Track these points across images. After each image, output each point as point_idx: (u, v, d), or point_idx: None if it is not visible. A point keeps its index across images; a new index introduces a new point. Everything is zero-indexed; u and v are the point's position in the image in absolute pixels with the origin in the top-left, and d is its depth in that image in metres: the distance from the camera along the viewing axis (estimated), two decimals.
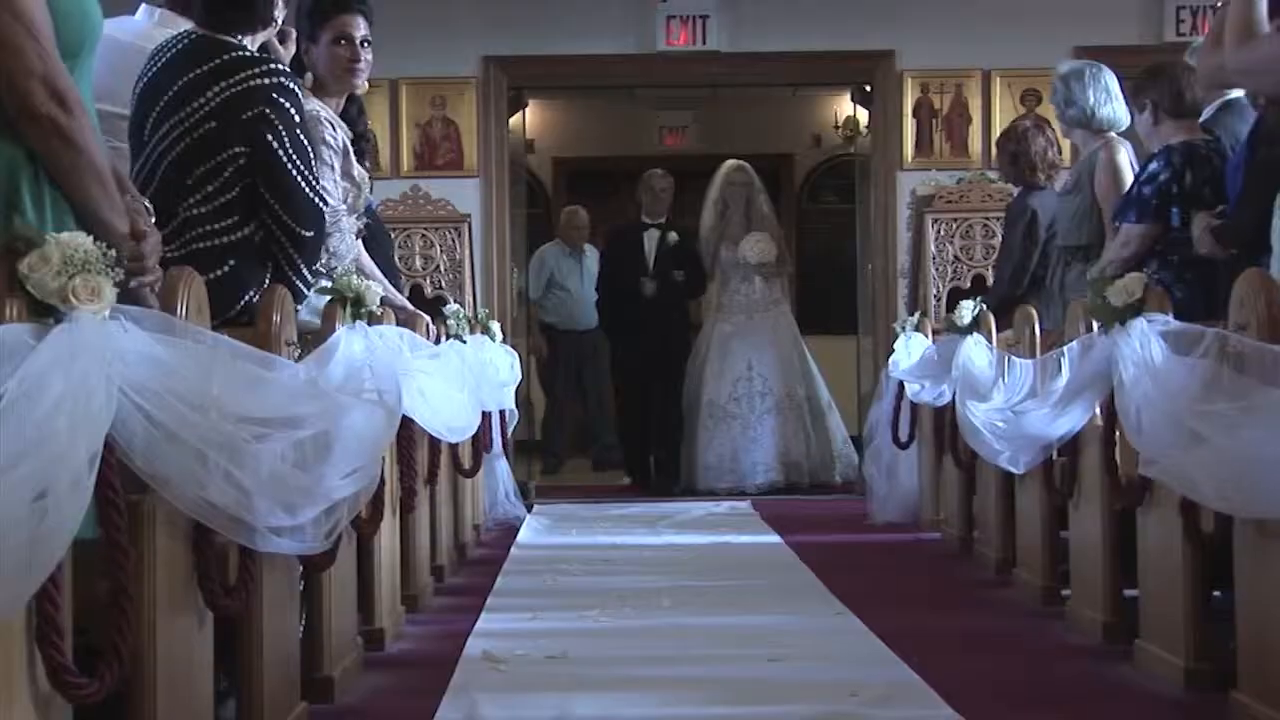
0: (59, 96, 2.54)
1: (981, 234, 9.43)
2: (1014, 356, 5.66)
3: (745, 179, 10.05)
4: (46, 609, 2.09)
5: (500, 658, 4.53)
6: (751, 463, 9.53)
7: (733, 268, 9.88)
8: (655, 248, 9.88)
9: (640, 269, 9.83)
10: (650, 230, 9.95)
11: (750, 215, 9.98)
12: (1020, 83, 9.69)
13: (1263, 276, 3.55)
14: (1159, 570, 4.22)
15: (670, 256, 9.85)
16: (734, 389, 9.63)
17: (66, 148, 2.57)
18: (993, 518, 6.32)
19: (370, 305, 4.04)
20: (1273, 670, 3.41)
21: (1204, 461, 3.32)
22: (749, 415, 9.58)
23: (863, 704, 3.85)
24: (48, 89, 2.52)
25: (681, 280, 9.85)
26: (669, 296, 9.82)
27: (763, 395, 9.61)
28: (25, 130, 2.55)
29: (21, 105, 2.53)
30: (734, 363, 9.69)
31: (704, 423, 9.65)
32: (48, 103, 2.53)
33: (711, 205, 10.09)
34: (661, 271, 9.81)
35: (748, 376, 9.64)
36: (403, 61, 9.54)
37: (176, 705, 2.71)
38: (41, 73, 2.51)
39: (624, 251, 10.05)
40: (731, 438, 9.58)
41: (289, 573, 3.58)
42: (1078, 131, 6.23)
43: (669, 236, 9.88)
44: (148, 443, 2.28)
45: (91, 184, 2.61)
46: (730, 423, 9.59)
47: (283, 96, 3.96)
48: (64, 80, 2.55)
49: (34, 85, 2.51)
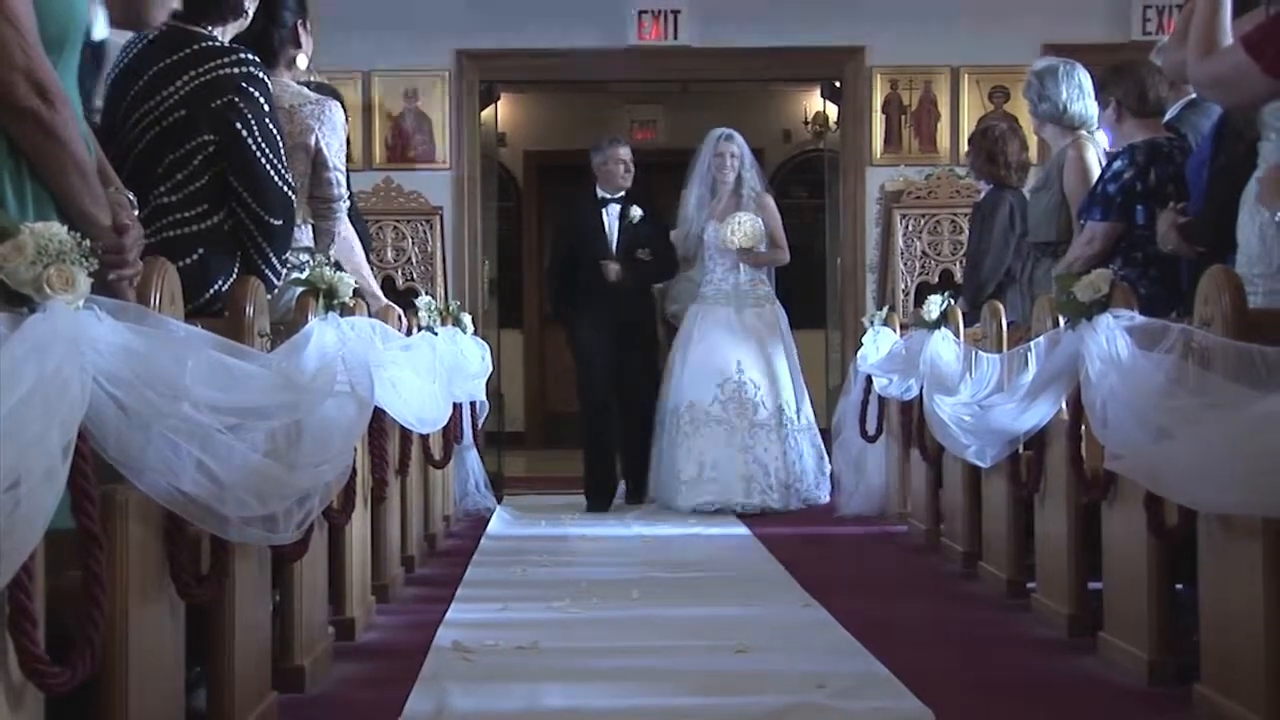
0: (41, 90, 2.53)
1: (949, 229, 9.47)
2: (981, 351, 5.68)
3: (734, 149, 8.58)
4: (19, 598, 2.08)
5: (470, 648, 4.53)
6: (741, 478, 8.10)
7: (718, 249, 8.48)
8: (617, 224, 8.53)
9: (601, 250, 8.47)
10: (610, 205, 8.57)
11: (740, 192, 8.52)
12: (989, 79, 9.73)
13: (1226, 273, 3.56)
14: (1123, 564, 4.24)
15: (633, 234, 8.50)
16: (721, 391, 8.24)
17: (48, 140, 2.57)
18: (959, 511, 6.35)
19: (343, 297, 4.04)
20: (1235, 664, 3.43)
21: (1169, 456, 3.34)
22: (738, 423, 8.18)
23: (830, 695, 3.86)
24: (30, 82, 2.51)
25: (648, 260, 8.51)
26: (634, 280, 8.50)
27: (755, 404, 8.23)
28: (7, 122, 2.55)
29: (3, 98, 2.52)
30: (721, 360, 8.28)
31: (682, 429, 8.25)
32: (30, 96, 2.52)
33: (695, 178, 8.67)
34: (626, 252, 8.47)
35: (737, 379, 8.26)
36: (375, 54, 9.57)
37: (148, 694, 2.70)
38: (24, 66, 2.50)
39: (580, 230, 8.63)
40: (715, 446, 8.17)
41: (261, 562, 3.58)
42: (1049, 127, 6.26)
43: (631, 212, 8.49)
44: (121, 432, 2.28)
45: (73, 176, 2.60)
46: (715, 429, 8.19)
47: (252, 85, 3.95)
48: (47, 73, 2.54)
49: (16, 78, 2.51)
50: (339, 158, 4.74)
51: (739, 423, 8.18)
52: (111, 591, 2.45)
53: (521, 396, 13.42)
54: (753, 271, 8.52)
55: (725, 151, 8.54)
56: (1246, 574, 3.35)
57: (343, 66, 8.94)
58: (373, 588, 5.22)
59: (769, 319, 8.51)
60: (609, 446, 8.61)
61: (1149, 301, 4.44)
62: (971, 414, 5.48)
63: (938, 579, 6.09)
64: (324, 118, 4.70)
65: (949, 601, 5.53)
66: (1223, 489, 3.12)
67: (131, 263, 2.77)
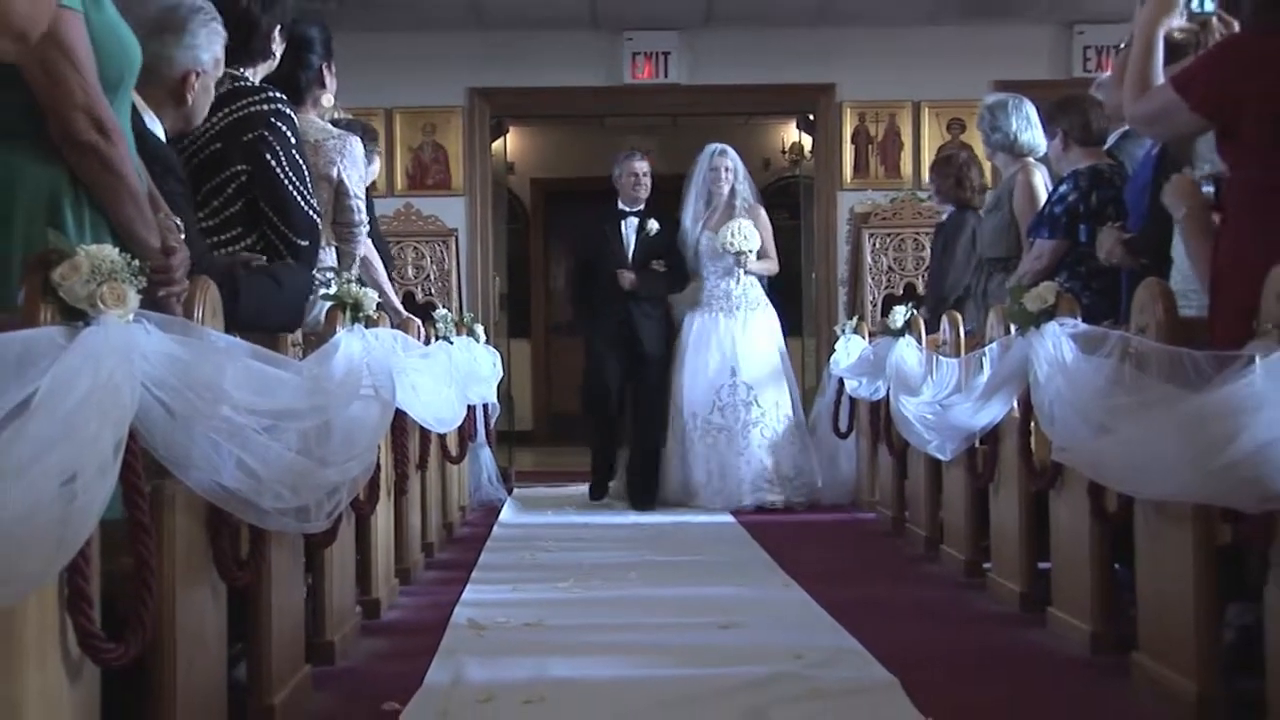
0: (99, 125, 2.53)
1: (912, 247, 9.48)
2: (941, 356, 5.68)
3: (728, 163, 8.23)
4: (76, 581, 2.08)
5: (483, 624, 4.52)
6: (741, 480, 7.81)
7: (713, 258, 8.11)
8: (635, 237, 8.15)
9: (618, 260, 8.08)
10: (629, 218, 8.18)
11: (734, 203, 8.16)
12: (946, 113, 9.75)
13: (1160, 285, 3.57)
14: (1069, 546, 4.24)
15: (650, 246, 8.11)
16: (718, 398, 7.91)
17: (105, 171, 2.56)
18: (922, 499, 6.35)
19: (368, 310, 4.03)
20: (1168, 634, 3.43)
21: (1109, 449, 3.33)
22: (734, 427, 7.86)
23: (806, 666, 3.86)
24: (89, 118, 2.51)
25: (663, 271, 8.10)
26: (650, 289, 8.08)
27: (747, 405, 7.89)
28: (68, 155, 2.54)
29: (65, 133, 2.52)
30: (715, 367, 7.96)
31: (689, 437, 7.92)
32: (89, 131, 2.52)
33: (692, 190, 8.32)
34: (642, 262, 8.08)
35: (731, 383, 7.93)
36: (396, 93, 9.58)
37: (193, 668, 2.70)
38: (85, 104, 2.50)
39: (599, 241, 8.21)
40: (719, 453, 7.87)
41: (294, 549, 3.57)
42: (1000, 155, 6.26)
43: (649, 225, 8.13)
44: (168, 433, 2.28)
45: (127, 204, 2.60)
46: (716, 436, 7.88)
47: (279, 120, 3.94)
48: (105, 110, 2.54)
49: (77, 115, 2.50)
50: (359, 187, 4.73)
51: (737, 426, 7.86)
52: (160, 576, 2.45)
53: (529, 398, 13.41)
54: (746, 278, 8.10)
55: (720, 165, 8.21)
56: (1178, 554, 3.36)
57: (367, 104, 8.94)
58: (396, 571, 5.21)
59: (762, 323, 8.14)
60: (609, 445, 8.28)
61: (1090, 311, 4.44)
62: (933, 412, 5.48)
63: (903, 561, 6.09)
64: (345, 151, 4.70)
65: (913, 581, 5.52)
66: (1157, 478, 3.11)
67: (178, 280, 2.77)
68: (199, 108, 3.41)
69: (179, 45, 3.27)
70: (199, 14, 3.35)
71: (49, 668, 2.05)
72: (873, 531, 7.06)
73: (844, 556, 6.27)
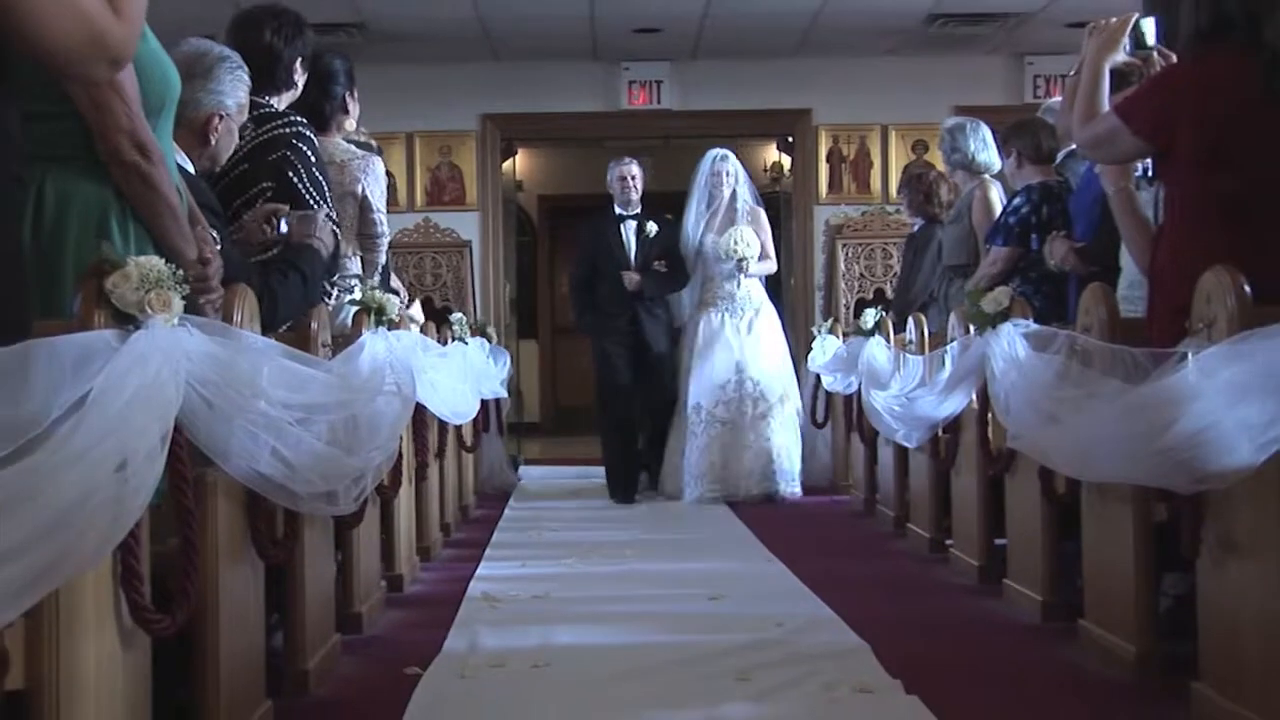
0: (142, 148, 2.53)
1: (881, 256, 9.49)
2: (907, 354, 5.68)
3: (730, 168, 7.75)
4: (128, 559, 2.08)
5: (496, 597, 4.53)
6: (743, 472, 7.29)
7: (717, 259, 7.56)
8: (635, 239, 7.60)
9: (621, 262, 7.55)
10: (627, 221, 7.65)
11: (735, 206, 7.66)
12: (911, 134, 9.76)
13: (1103, 289, 3.57)
14: (1022, 524, 4.25)
15: (650, 247, 7.57)
16: (723, 393, 7.37)
17: (147, 189, 2.56)
18: (891, 483, 6.35)
19: (391, 315, 4.04)
20: (1111, 602, 3.45)
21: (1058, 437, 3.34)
22: (739, 421, 7.33)
23: (786, 633, 3.87)
24: (132, 141, 2.51)
25: (665, 271, 7.56)
26: (654, 289, 7.56)
27: (753, 400, 7.37)
28: (114, 173, 2.55)
29: (112, 154, 2.52)
30: (722, 364, 7.41)
31: (691, 429, 7.39)
32: (132, 152, 2.52)
33: (694, 194, 7.78)
34: (644, 263, 7.55)
35: (737, 380, 7.38)
36: (415, 118, 9.58)
37: (235, 637, 2.70)
38: (129, 129, 2.50)
39: (601, 245, 7.66)
40: (722, 445, 7.32)
41: (325, 529, 3.58)
42: (960, 172, 6.26)
43: (648, 227, 7.58)
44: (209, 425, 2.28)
45: (165, 217, 2.60)
46: (719, 429, 7.33)
47: (300, 141, 3.96)
48: (147, 134, 2.54)
49: (121, 139, 2.51)
50: (381, 202, 4.73)
51: (741, 421, 7.33)
52: (203, 554, 2.46)
53: (537, 393, 13.41)
54: (748, 279, 7.58)
55: (721, 170, 7.71)
56: (1119, 530, 3.37)
57: (390, 128, 8.94)
58: (417, 549, 5.22)
59: (764, 321, 7.61)
60: (632, 447, 7.62)
61: (1041, 313, 4.44)
62: (900, 404, 5.48)
63: (874, 538, 6.10)
64: (368, 170, 4.70)
65: (882, 556, 5.53)
66: (1100, 463, 3.12)
67: (214, 288, 2.77)
68: (223, 148, 3.41)
69: (205, 90, 3.27)
70: (224, 62, 3.35)
71: (105, 637, 2.06)
72: (847, 512, 7.06)
73: (821, 534, 6.27)
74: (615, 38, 9.25)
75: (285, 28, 4.10)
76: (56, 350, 1.75)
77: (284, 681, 3.21)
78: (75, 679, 1.94)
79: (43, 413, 1.69)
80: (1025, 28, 9.00)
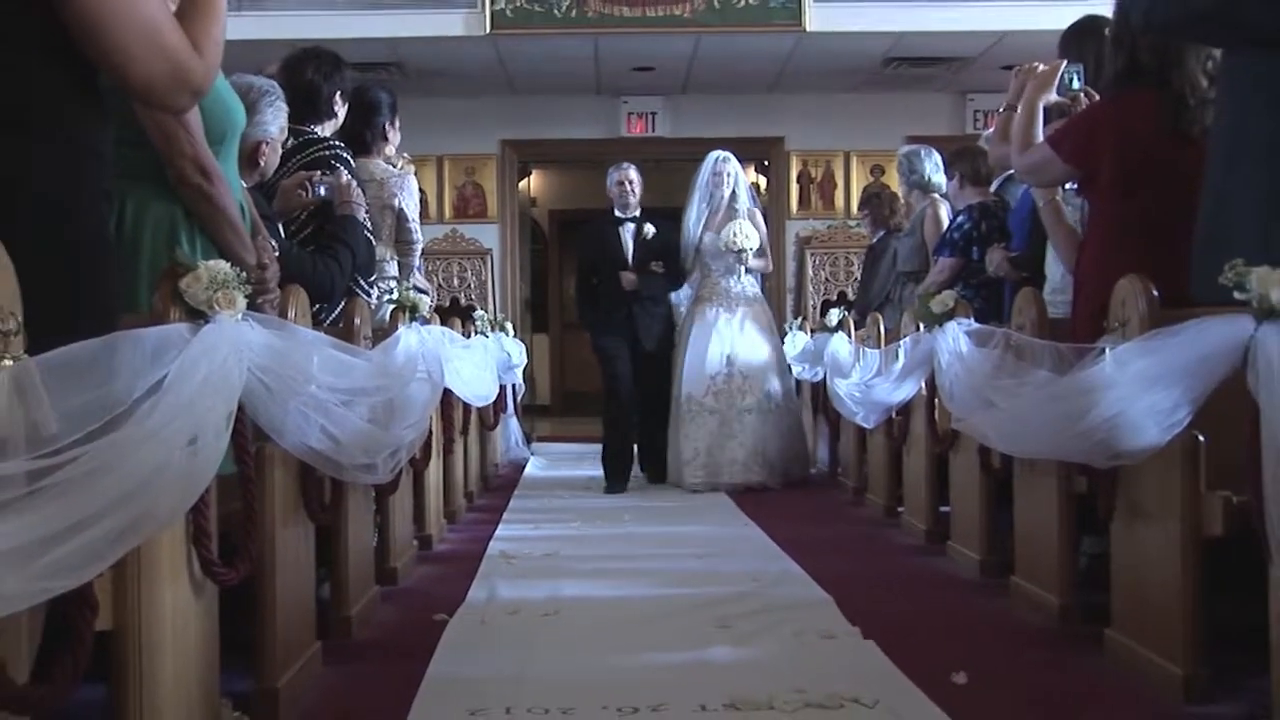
0: (204, 171, 2.53)
1: (844, 264, 9.54)
2: (866, 348, 5.69)
3: (730, 169, 7.00)
4: (199, 520, 2.09)
5: (512, 555, 4.53)
6: (728, 460, 6.59)
7: (715, 257, 6.89)
8: (633, 241, 6.86)
9: (619, 263, 6.82)
10: (626, 224, 6.89)
11: (734, 206, 6.91)
12: (870, 160, 9.78)
13: (1034, 293, 3.58)
14: (964, 494, 4.26)
15: (648, 249, 6.84)
16: (712, 383, 6.70)
17: (210, 207, 2.57)
18: (851, 459, 6.36)
19: (423, 312, 4.04)
20: (1039, 560, 3.45)
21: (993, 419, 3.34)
22: (727, 411, 6.64)
23: (761, 586, 3.87)
24: (195, 165, 2.52)
25: (661, 272, 6.84)
26: (649, 289, 6.82)
27: (742, 392, 6.67)
28: (181, 194, 2.55)
29: (178, 177, 2.53)
30: (712, 356, 6.74)
31: (681, 417, 6.71)
32: (195, 175, 2.52)
33: (696, 193, 7.02)
34: (641, 264, 6.82)
35: (726, 372, 6.70)
36: (444, 143, 9.60)
37: (289, 588, 2.71)
38: (192, 154, 2.51)
39: (601, 246, 6.93)
40: (709, 433, 6.63)
41: (366, 496, 3.58)
42: (915, 192, 6.26)
43: (645, 229, 6.84)
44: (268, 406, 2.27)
45: (225, 230, 2.60)
46: (707, 418, 6.65)
47: (339, 163, 3.97)
48: (208, 159, 2.54)
49: (186, 164, 2.51)
50: (415, 213, 4.75)
51: (729, 412, 6.64)
52: (262, 517, 2.46)
53: (548, 380, 13.42)
54: (745, 276, 6.91)
55: (722, 170, 6.95)
56: (1045, 499, 3.38)
57: (423, 151, 8.95)
58: (444, 513, 5.22)
59: (758, 316, 6.92)
60: (628, 438, 6.89)
61: (981, 313, 4.44)
62: (860, 391, 5.49)
63: (836, 506, 6.10)
64: (404, 186, 4.71)
65: (844, 522, 5.53)
66: (1030, 441, 3.12)
67: (272, 290, 2.78)
68: (270, 166, 3.44)
69: (251, 124, 3.28)
70: (267, 95, 3.36)
71: (179, 587, 2.06)
72: (814, 484, 7.06)
73: (792, 503, 6.27)
74: (616, 75, 9.26)
75: (324, 66, 4.13)
76: (139, 341, 1.75)
77: (331, 626, 3.21)
78: (154, 622, 1.95)
79: (126, 394, 1.69)
80: (967, 70, 9.02)
